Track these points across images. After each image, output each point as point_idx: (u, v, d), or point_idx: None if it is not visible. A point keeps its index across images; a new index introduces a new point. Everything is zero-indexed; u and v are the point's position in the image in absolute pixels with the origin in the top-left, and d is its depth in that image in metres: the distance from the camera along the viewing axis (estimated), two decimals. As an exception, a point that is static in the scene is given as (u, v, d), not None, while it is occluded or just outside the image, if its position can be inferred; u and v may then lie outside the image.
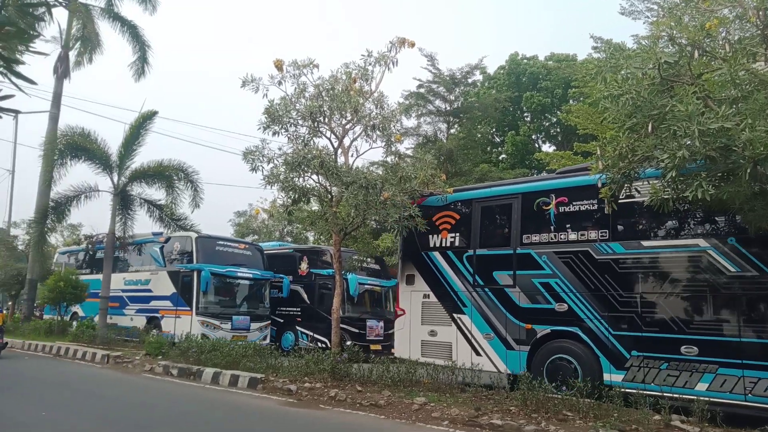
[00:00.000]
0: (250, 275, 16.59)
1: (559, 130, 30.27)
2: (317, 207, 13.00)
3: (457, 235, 10.87)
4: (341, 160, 11.29)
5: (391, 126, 11.35)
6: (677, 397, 7.67)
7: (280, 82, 11.23)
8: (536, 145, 30.70)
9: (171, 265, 16.71)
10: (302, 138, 11.29)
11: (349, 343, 12.67)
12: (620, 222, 9.03)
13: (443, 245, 10.97)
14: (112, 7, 21.08)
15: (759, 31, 6.59)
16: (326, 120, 11.24)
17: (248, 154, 11.02)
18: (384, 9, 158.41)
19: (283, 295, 17.36)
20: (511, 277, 9.94)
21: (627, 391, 7.98)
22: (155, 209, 17.89)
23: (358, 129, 11.42)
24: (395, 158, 12.05)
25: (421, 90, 24.95)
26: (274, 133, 11.10)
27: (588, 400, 7.52)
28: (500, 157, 30.62)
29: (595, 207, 9.14)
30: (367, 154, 38.86)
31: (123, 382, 11.17)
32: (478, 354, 10.10)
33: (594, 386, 7.87)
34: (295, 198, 11.37)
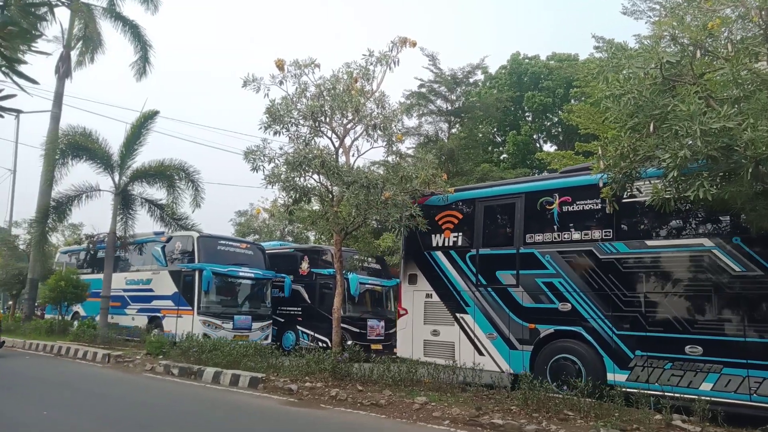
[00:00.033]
0: (252, 275, 16.59)
1: (560, 129, 30.25)
2: (318, 207, 13.01)
3: (460, 234, 10.84)
4: (342, 160, 11.29)
5: (393, 126, 11.34)
6: (678, 396, 7.65)
7: (281, 82, 11.23)
8: (537, 145, 30.69)
9: (173, 265, 16.72)
10: (303, 138, 11.29)
11: (350, 342, 12.68)
12: (624, 221, 9.00)
13: (446, 245, 10.94)
14: (114, 7, 21.11)
15: (761, 31, 6.58)
16: (327, 119, 11.24)
17: (249, 154, 11.02)
18: (388, 9, 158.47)
19: (284, 294, 17.37)
20: (514, 276, 9.92)
21: (628, 390, 7.96)
22: (156, 209, 17.92)
23: (359, 128, 11.43)
24: (396, 158, 12.05)
25: (423, 89, 24.96)
26: (275, 133, 11.10)
27: (589, 399, 7.51)
28: (501, 157, 30.61)
29: (598, 206, 9.10)
30: (368, 154, 38.80)
31: (124, 381, 11.17)
32: (481, 354, 10.08)
33: (595, 386, 7.85)
34: (296, 198, 11.38)
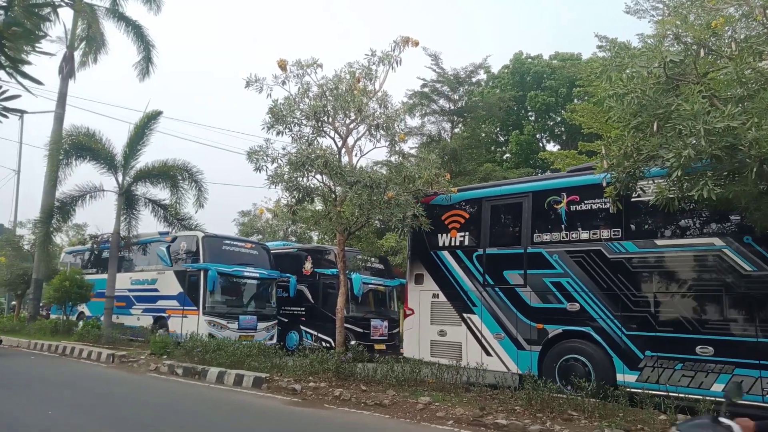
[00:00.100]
0: (257, 275, 16.60)
1: (563, 129, 30.19)
2: (321, 206, 13.03)
3: (467, 234, 10.80)
4: (345, 160, 11.29)
5: (395, 125, 11.34)
6: (683, 396, 7.61)
7: (283, 82, 11.26)
8: (540, 145, 30.64)
9: (177, 265, 16.73)
10: (306, 138, 11.30)
11: (353, 342, 12.68)
12: (633, 221, 8.95)
13: (452, 244, 10.90)
14: (117, 7, 21.18)
15: (765, 30, 6.55)
16: (330, 119, 11.25)
17: (252, 154, 11.04)
18: (391, 9, 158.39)
19: (288, 294, 17.38)
20: (521, 276, 9.87)
21: (633, 390, 7.93)
22: (160, 209, 17.97)
23: (362, 128, 11.44)
24: (399, 158, 12.05)
25: (425, 89, 24.95)
26: (278, 133, 11.12)
27: (593, 399, 7.49)
28: (504, 157, 30.56)
29: (607, 206, 9.00)
30: (370, 154, 38.90)
31: (128, 381, 11.20)
32: (489, 354, 10.04)
33: (600, 386, 7.82)
34: (299, 198, 11.38)
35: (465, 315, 10.46)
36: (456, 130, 25.68)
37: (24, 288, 22.89)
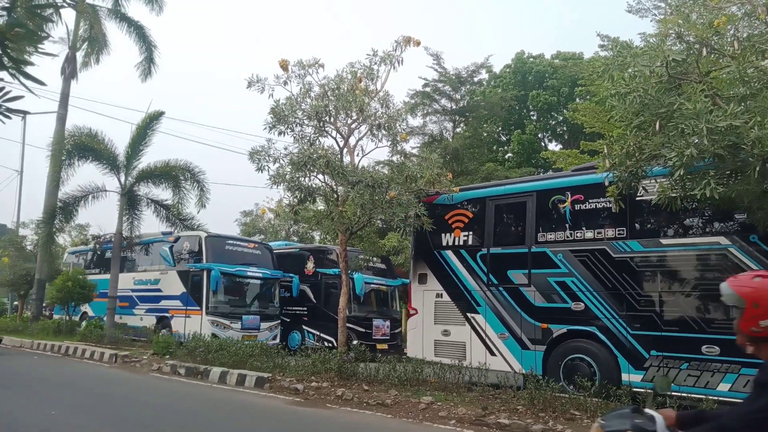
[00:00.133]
0: (260, 274, 16.61)
1: (565, 128, 30.14)
2: (323, 206, 13.02)
3: (471, 233, 10.77)
4: (347, 160, 11.30)
5: (397, 125, 11.34)
6: (686, 396, 7.59)
7: (285, 82, 11.26)
8: (542, 144, 30.60)
9: (180, 265, 16.74)
10: (308, 137, 11.30)
11: (355, 342, 12.69)
12: (638, 220, 8.92)
13: (456, 244, 10.87)
14: (119, 8, 21.21)
15: (768, 28, 6.54)
16: (332, 119, 11.25)
17: (254, 154, 11.05)
18: (393, 10, 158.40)
19: (291, 294, 17.39)
20: (526, 275, 9.84)
21: (636, 390, 7.90)
22: (162, 209, 17.98)
23: (363, 128, 11.43)
24: (401, 157, 12.06)
25: (427, 89, 24.91)
26: (279, 133, 11.13)
27: (596, 399, 7.48)
28: (506, 156, 30.53)
29: (611, 204, 8.98)
30: (372, 154, 38.87)
31: (131, 381, 11.22)
32: (493, 354, 10.02)
33: (602, 386, 7.80)
34: (301, 197, 11.39)
35: (469, 315, 10.44)
36: (458, 130, 25.64)
37: (27, 288, 22.96)
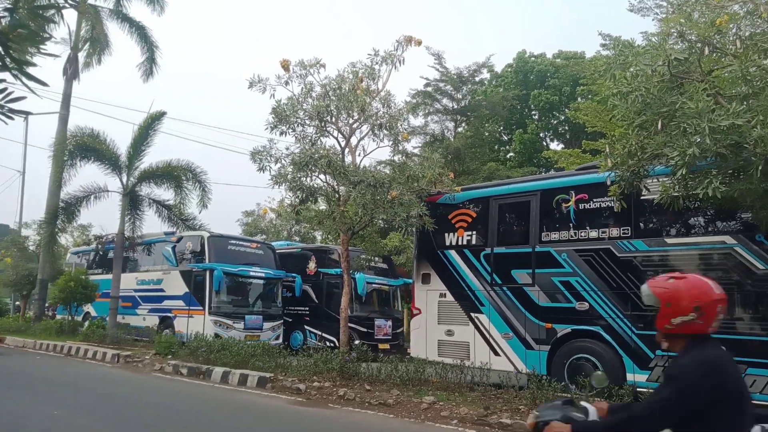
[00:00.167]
0: (263, 274, 16.61)
1: (567, 128, 30.10)
2: (325, 206, 13.02)
3: (474, 233, 10.74)
4: (348, 160, 11.30)
5: (399, 125, 11.34)
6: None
7: (286, 82, 11.27)
8: (544, 143, 30.55)
9: (183, 265, 16.75)
10: (309, 137, 11.31)
11: (357, 342, 12.69)
12: (642, 219, 8.89)
13: (459, 243, 10.84)
14: (121, 8, 21.22)
15: (770, 27, 6.53)
16: (333, 119, 11.26)
17: (256, 154, 11.06)
18: (394, 10, 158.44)
19: (293, 294, 17.39)
20: (530, 275, 9.81)
21: (639, 390, 7.88)
22: (164, 209, 18.00)
23: (365, 128, 11.44)
24: (402, 157, 12.04)
25: (429, 88, 24.89)
26: (281, 133, 11.13)
27: (598, 399, 7.46)
28: (508, 156, 30.50)
29: (616, 204, 9.00)
30: (374, 153, 38.85)
31: (133, 381, 11.24)
32: (497, 354, 10.00)
33: (605, 386, 7.79)
34: (303, 197, 11.40)
35: (473, 314, 10.41)
36: (459, 130, 25.62)
37: (29, 288, 23.00)
